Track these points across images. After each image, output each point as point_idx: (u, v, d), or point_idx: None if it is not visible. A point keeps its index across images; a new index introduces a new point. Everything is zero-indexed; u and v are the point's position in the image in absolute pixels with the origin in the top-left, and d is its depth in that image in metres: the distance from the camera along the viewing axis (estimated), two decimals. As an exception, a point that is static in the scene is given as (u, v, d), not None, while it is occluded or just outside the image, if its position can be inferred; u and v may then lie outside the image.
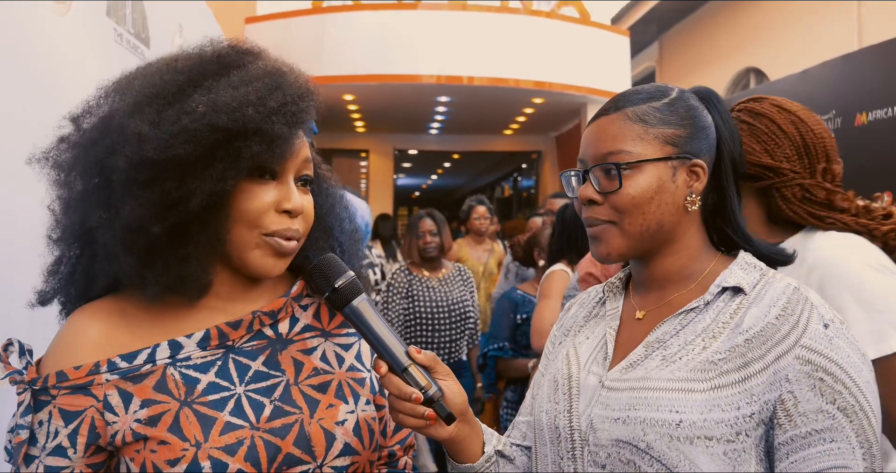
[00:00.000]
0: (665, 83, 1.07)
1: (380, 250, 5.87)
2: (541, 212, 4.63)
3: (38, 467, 0.89)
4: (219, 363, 0.95)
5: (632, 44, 8.83)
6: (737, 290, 0.97)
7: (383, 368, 0.94)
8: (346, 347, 1.07)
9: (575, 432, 0.98)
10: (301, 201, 0.96)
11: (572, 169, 1.07)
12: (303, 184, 1.00)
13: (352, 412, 1.01)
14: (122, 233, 0.88)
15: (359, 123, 10.29)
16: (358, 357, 1.08)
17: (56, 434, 0.89)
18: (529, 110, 9.30)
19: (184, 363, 0.93)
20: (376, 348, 0.95)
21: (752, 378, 0.88)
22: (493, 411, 4.10)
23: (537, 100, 8.68)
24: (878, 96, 4.34)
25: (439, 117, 10.01)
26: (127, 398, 0.90)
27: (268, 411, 0.94)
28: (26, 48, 1.56)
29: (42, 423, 0.90)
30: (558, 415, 1.01)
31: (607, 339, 1.04)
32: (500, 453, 1.09)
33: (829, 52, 5.51)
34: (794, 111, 1.44)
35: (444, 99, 8.75)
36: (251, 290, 1.02)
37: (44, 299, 1.01)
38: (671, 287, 1.03)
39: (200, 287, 0.93)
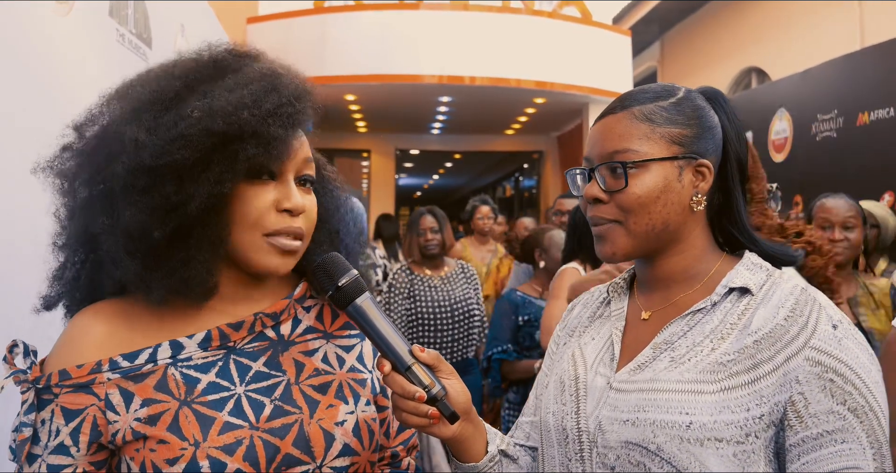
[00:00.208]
0: (671, 83, 1.07)
1: (382, 250, 5.86)
2: (552, 212, 4.59)
3: (41, 466, 0.90)
4: (220, 363, 0.95)
5: (633, 43, 8.83)
6: (744, 291, 0.96)
7: (387, 367, 0.94)
8: (348, 348, 1.07)
9: (583, 433, 0.98)
10: (302, 200, 0.96)
11: (578, 167, 1.06)
12: (304, 183, 1.00)
13: (351, 412, 1.01)
14: (124, 239, 0.89)
15: (360, 123, 10.29)
16: (359, 358, 1.08)
17: (58, 433, 0.90)
18: (531, 110, 9.29)
19: (185, 363, 0.94)
20: (380, 347, 0.95)
21: (762, 379, 0.88)
22: (494, 412, 4.08)
23: (539, 100, 8.68)
24: (879, 96, 4.34)
25: (441, 117, 10.01)
26: (128, 397, 0.91)
27: (268, 410, 0.94)
28: (28, 48, 1.56)
29: (45, 422, 0.90)
30: (565, 417, 1.01)
31: (613, 340, 1.04)
32: (503, 453, 1.09)
33: (830, 51, 5.51)
34: None
35: (445, 99, 8.75)
36: (254, 291, 1.02)
37: (49, 304, 1.02)
38: (676, 287, 1.02)
39: (206, 289, 0.94)
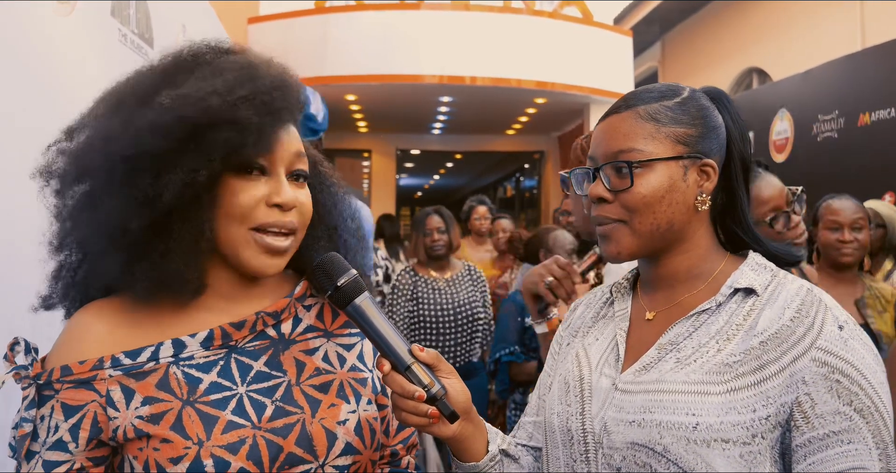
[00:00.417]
0: (676, 83, 1.07)
1: (384, 251, 5.86)
2: (558, 212, 4.58)
3: (38, 463, 0.90)
4: (221, 363, 0.96)
5: (634, 44, 8.82)
6: (749, 291, 0.96)
7: (386, 366, 0.94)
8: (348, 347, 1.08)
9: (588, 434, 0.97)
10: (293, 194, 0.96)
11: (581, 167, 1.06)
12: (297, 178, 0.99)
13: (353, 411, 1.01)
14: (106, 232, 0.90)
15: (361, 123, 10.29)
16: (360, 357, 1.08)
17: (56, 430, 0.90)
18: (532, 110, 9.29)
19: (186, 362, 0.94)
20: (379, 346, 0.95)
21: (769, 380, 0.88)
22: (502, 416, 4.04)
23: (540, 101, 8.67)
24: (880, 96, 4.34)
25: (441, 117, 10.00)
26: (129, 394, 0.91)
27: (269, 411, 0.95)
28: (30, 48, 1.56)
29: (44, 418, 0.90)
30: (570, 417, 1.01)
31: (618, 341, 1.04)
32: (504, 452, 1.09)
33: (831, 52, 5.51)
34: None
35: (446, 99, 8.75)
36: (253, 290, 1.02)
37: (48, 304, 1.02)
38: (680, 287, 1.02)
39: (190, 284, 0.93)
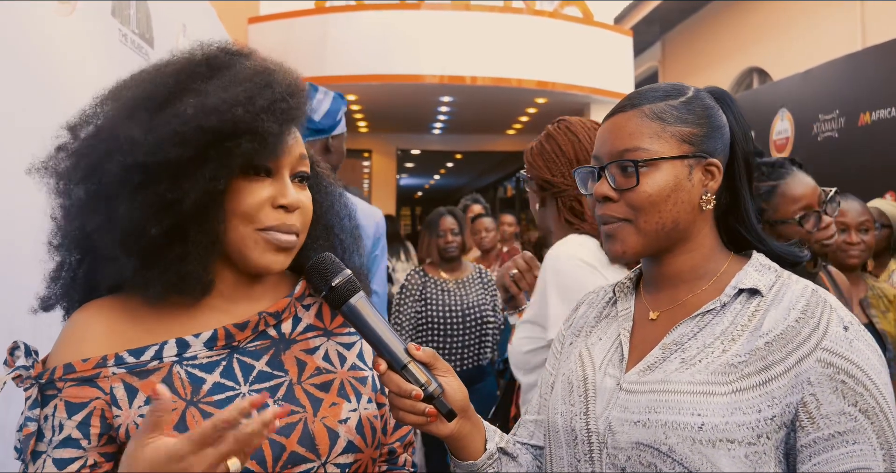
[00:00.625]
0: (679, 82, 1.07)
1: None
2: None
3: (46, 462, 0.89)
4: (223, 363, 0.96)
5: (635, 44, 8.82)
6: (753, 292, 0.96)
7: (382, 366, 0.94)
8: (348, 346, 1.08)
9: (592, 434, 0.98)
10: (297, 196, 0.97)
11: (586, 165, 1.06)
12: (300, 180, 1.00)
13: (354, 410, 1.01)
14: (120, 236, 0.90)
15: (361, 123, 10.29)
16: (360, 356, 1.08)
17: (62, 428, 0.89)
18: (532, 110, 9.29)
19: (190, 362, 0.94)
20: (375, 346, 0.95)
21: (774, 381, 0.88)
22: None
23: (540, 100, 8.67)
24: (881, 96, 4.33)
25: (442, 117, 10.00)
26: (132, 392, 0.91)
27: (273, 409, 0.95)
28: (30, 48, 1.57)
29: (48, 418, 0.90)
30: (574, 417, 1.01)
31: (622, 341, 1.04)
32: (502, 450, 1.09)
33: (832, 52, 5.50)
34: (576, 132, 1.68)
35: (446, 99, 8.75)
36: (253, 289, 1.03)
37: (47, 305, 1.02)
38: (684, 286, 1.02)
39: (202, 285, 0.94)
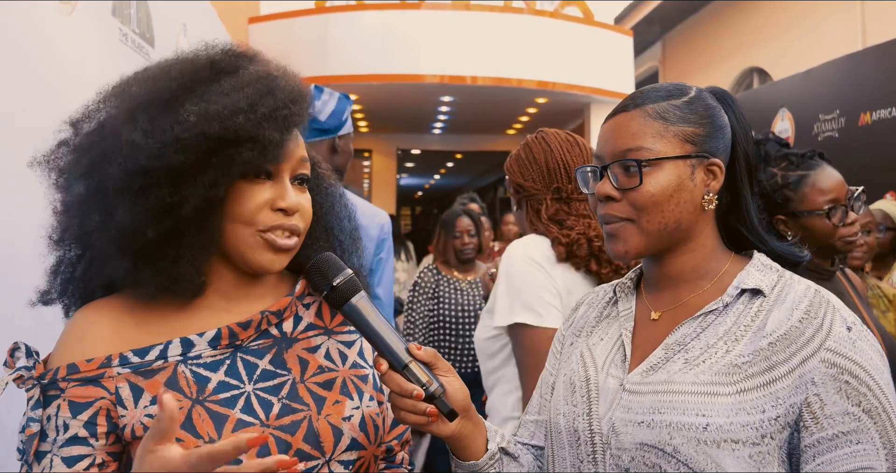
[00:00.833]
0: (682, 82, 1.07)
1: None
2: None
3: (52, 461, 0.88)
4: (227, 362, 0.96)
5: (635, 44, 8.82)
6: (756, 292, 0.96)
7: (384, 366, 0.94)
8: (349, 344, 1.08)
9: (596, 435, 0.97)
10: (297, 199, 0.97)
11: (588, 165, 1.06)
12: (300, 182, 1.00)
13: (357, 408, 1.01)
14: (116, 237, 0.90)
15: (362, 123, 10.29)
16: (360, 354, 1.09)
17: (66, 428, 0.89)
18: (532, 110, 9.29)
19: (195, 361, 0.94)
20: (376, 346, 0.95)
21: (778, 381, 0.88)
22: None
23: (540, 100, 8.67)
24: (881, 96, 4.33)
25: (442, 117, 10.00)
26: (137, 392, 0.91)
27: (276, 409, 0.95)
28: (31, 47, 1.56)
29: (50, 418, 0.90)
30: (577, 418, 1.01)
31: (624, 341, 1.04)
32: (504, 450, 1.09)
33: (832, 51, 5.50)
34: (549, 142, 1.82)
35: (447, 99, 8.75)
36: (254, 289, 1.03)
37: (46, 299, 1.03)
38: (685, 287, 1.02)
39: (194, 287, 0.95)
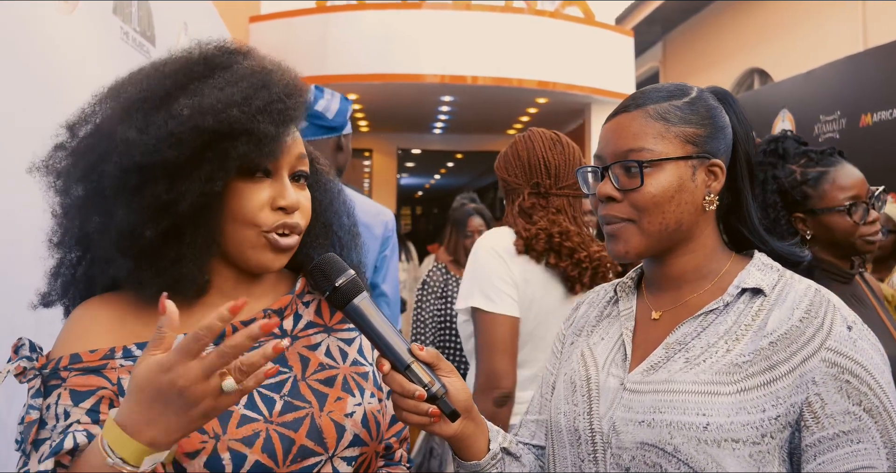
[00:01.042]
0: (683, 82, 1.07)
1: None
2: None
3: (52, 445, 0.85)
4: None
5: (636, 44, 8.82)
6: (756, 291, 0.96)
7: (386, 366, 0.94)
8: (349, 342, 1.08)
9: (596, 434, 0.98)
10: (296, 197, 0.97)
11: (589, 165, 1.06)
12: (299, 179, 1.00)
13: (359, 404, 1.02)
14: (116, 238, 0.90)
15: (362, 123, 10.28)
16: (360, 351, 1.09)
17: (67, 415, 0.88)
18: (533, 110, 9.29)
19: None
20: (378, 346, 0.95)
21: (778, 380, 0.88)
22: None
23: (541, 100, 8.67)
24: (882, 97, 4.34)
25: (443, 117, 10.00)
26: None
27: (279, 406, 0.95)
28: (32, 46, 1.56)
29: (50, 407, 0.89)
30: (577, 417, 1.01)
31: (625, 340, 1.04)
32: (505, 450, 1.09)
33: (833, 53, 5.51)
34: (534, 141, 1.96)
35: (447, 98, 8.75)
36: (255, 287, 1.03)
37: (47, 301, 1.02)
38: (686, 287, 1.02)
39: (197, 286, 0.94)
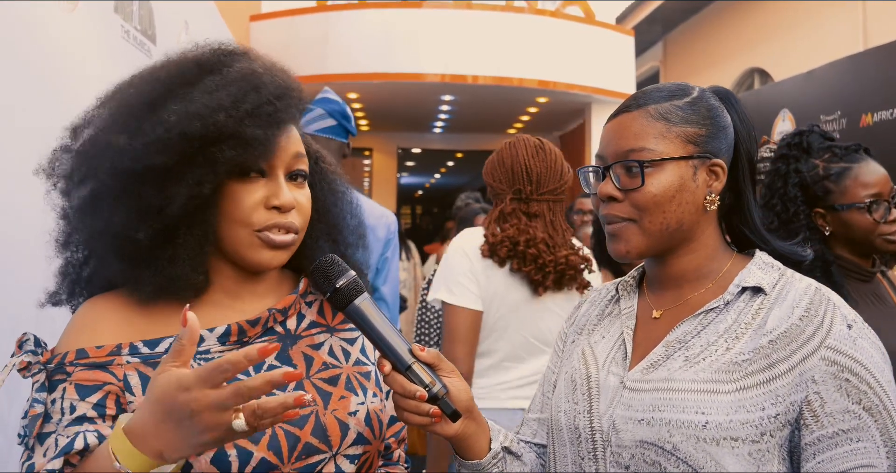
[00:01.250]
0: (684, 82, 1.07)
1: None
2: (572, 212, 4.51)
3: (58, 440, 0.85)
4: None
5: (636, 43, 8.81)
6: (756, 290, 0.96)
7: (387, 367, 0.94)
8: (351, 341, 1.09)
9: (596, 433, 0.98)
10: (291, 196, 0.97)
11: (591, 165, 1.06)
12: (296, 178, 1.00)
13: (362, 403, 1.03)
14: (110, 239, 0.91)
15: (362, 121, 10.28)
16: (362, 351, 1.09)
17: (73, 409, 0.88)
18: (533, 109, 9.29)
19: (203, 356, 0.95)
20: (379, 347, 0.95)
21: (778, 379, 0.88)
22: None
23: (541, 100, 8.67)
24: (882, 97, 4.33)
25: (443, 116, 10.00)
26: (146, 381, 0.91)
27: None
28: (33, 45, 1.56)
29: (55, 401, 0.89)
30: (578, 416, 1.01)
31: (625, 339, 1.04)
32: (507, 449, 1.09)
33: (833, 53, 5.50)
34: (517, 148, 2.11)
35: (447, 97, 8.74)
36: (256, 286, 1.04)
37: (55, 301, 1.04)
38: (688, 286, 1.03)
39: (192, 287, 0.95)
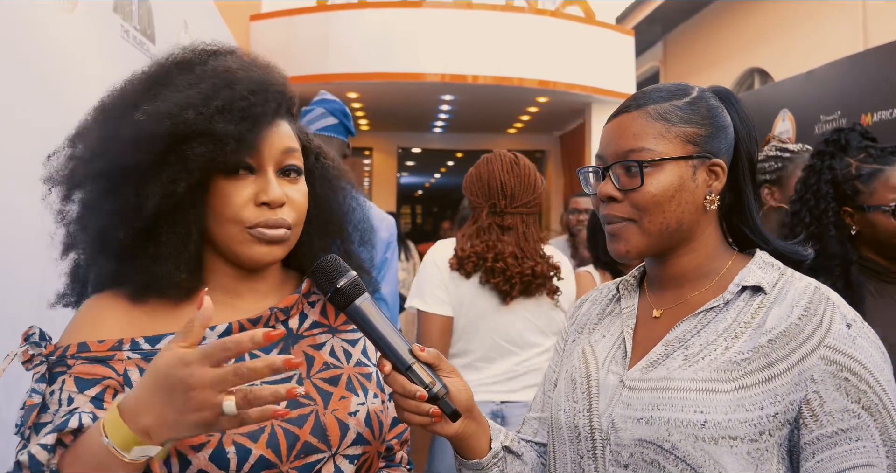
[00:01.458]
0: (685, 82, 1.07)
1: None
2: (568, 212, 4.51)
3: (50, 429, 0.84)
4: None
5: (636, 43, 8.82)
6: (756, 289, 0.97)
7: (387, 367, 0.94)
8: (353, 342, 1.09)
9: (595, 431, 0.98)
10: (280, 192, 0.96)
11: (590, 165, 1.06)
12: (289, 174, 1.00)
13: (363, 404, 1.03)
14: (98, 240, 0.93)
15: (363, 121, 10.29)
16: (364, 352, 1.09)
17: (70, 401, 0.87)
18: (534, 109, 9.29)
19: None
20: (380, 347, 0.95)
21: (777, 378, 0.88)
22: None
23: (541, 99, 8.67)
24: (882, 97, 4.32)
25: (443, 115, 10.01)
26: None
27: (283, 403, 0.95)
28: (33, 45, 1.56)
29: (53, 393, 0.89)
30: (577, 414, 1.01)
31: (625, 338, 1.04)
32: (507, 449, 1.09)
33: (834, 52, 5.50)
34: (493, 163, 2.24)
35: (448, 97, 8.75)
36: (257, 285, 1.04)
37: (66, 302, 1.05)
38: (688, 285, 1.03)
39: (177, 285, 0.95)
